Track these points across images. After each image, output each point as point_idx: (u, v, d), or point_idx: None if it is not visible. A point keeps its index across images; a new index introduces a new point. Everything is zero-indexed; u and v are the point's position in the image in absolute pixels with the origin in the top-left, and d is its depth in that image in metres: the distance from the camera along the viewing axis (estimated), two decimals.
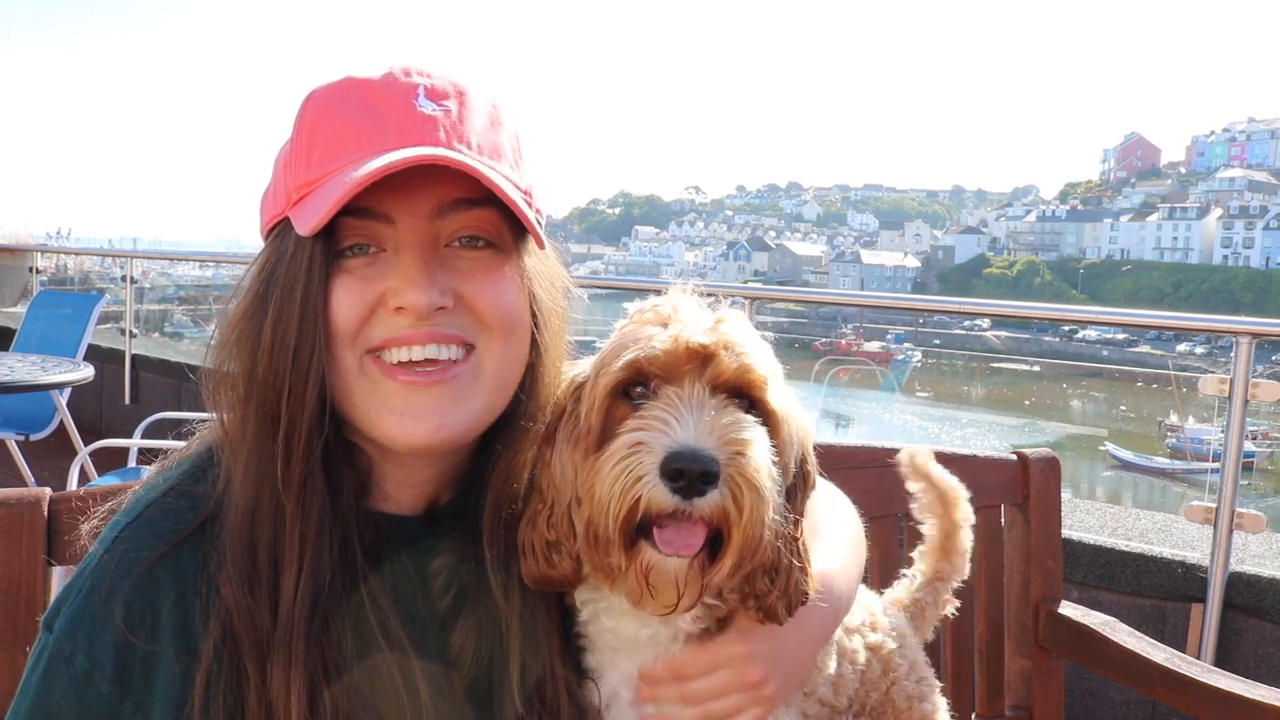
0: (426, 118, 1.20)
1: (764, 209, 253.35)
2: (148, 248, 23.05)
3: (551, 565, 1.25)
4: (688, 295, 1.28)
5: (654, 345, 1.19)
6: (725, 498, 1.10)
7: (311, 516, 1.17)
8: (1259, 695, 2.02)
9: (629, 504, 1.11)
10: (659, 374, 1.18)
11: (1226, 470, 3.68)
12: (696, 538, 1.12)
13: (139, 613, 1.14)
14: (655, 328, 1.22)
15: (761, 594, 1.24)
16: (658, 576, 1.15)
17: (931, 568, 1.88)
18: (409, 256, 1.18)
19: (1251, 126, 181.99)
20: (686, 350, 1.17)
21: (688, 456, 1.09)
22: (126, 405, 8.86)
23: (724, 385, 1.18)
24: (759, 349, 1.23)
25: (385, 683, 1.18)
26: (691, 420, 1.12)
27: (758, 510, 1.11)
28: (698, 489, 1.09)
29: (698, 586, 1.16)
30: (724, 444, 1.11)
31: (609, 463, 1.13)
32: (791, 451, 1.24)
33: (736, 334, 1.21)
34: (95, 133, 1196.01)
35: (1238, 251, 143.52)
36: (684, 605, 1.18)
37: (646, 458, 1.10)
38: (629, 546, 1.15)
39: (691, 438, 1.10)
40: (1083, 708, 3.73)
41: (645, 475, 1.10)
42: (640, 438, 1.12)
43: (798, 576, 1.25)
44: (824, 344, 26.89)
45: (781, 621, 1.27)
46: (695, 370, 1.17)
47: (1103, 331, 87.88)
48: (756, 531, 1.12)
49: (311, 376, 1.17)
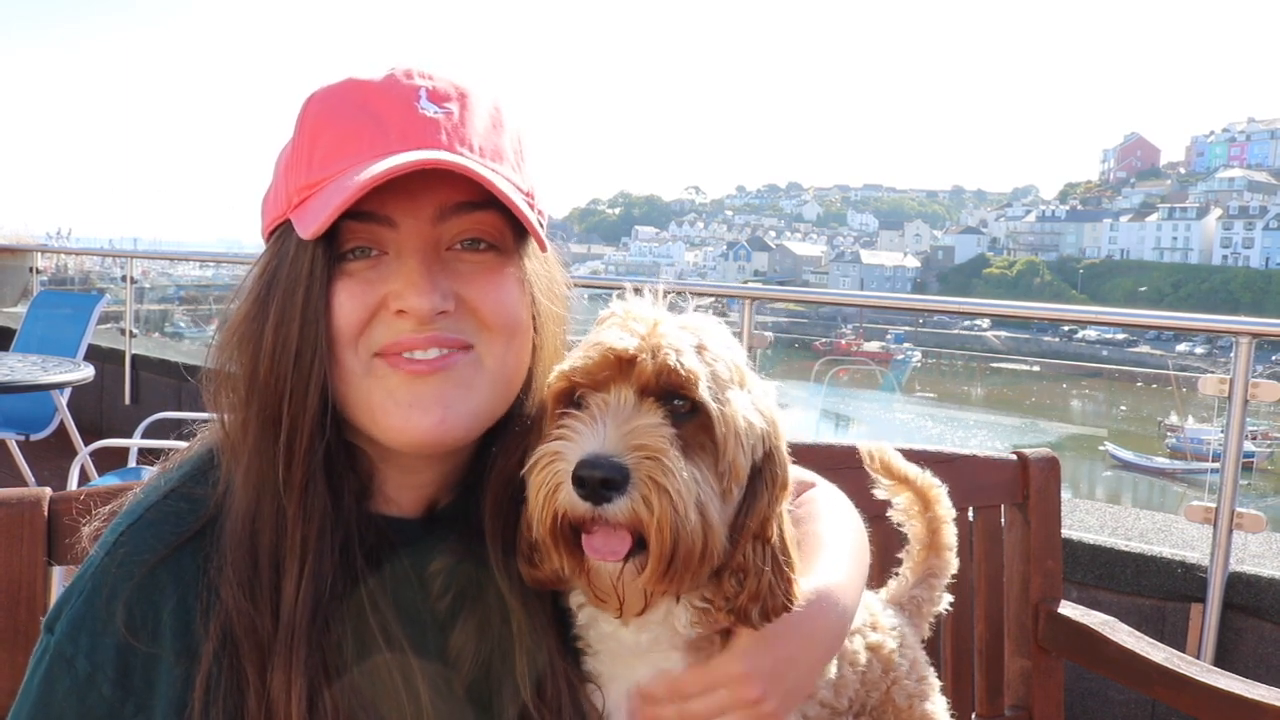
0: (428, 120, 1.20)
1: (764, 209, 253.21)
2: (148, 248, 23.03)
3: (535, 566, 1.26)
4: (643, 297, 1.27)
5: (582, 355, 1.21)
6: (635, 501, 1.11)
7: (313, 519, 1.17)
8: (1259, 695, 2.02)
9: (551, 512, 1.14)
10: (587, 383, 1.20)
11: (1226, 470, 3.68)
12: (621, 543, 1.13)
13: (140, 615, 1.14)
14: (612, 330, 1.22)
15: (730, 596, 1.24)
16: (598, 580, 1.18)
17: (922, 565, 1.88)
18: (411, 260, 1.18)
19: (1251, 126, 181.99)
20: (611, 357, 1.18)
21: (589, 463, 1.11)
22: (126, 405, 8.86)
23: (651, 389, 1.17)
24: (704, 348, 1.21)
25: (385, 685, 1.18)
26: (601, 428, 1.14)
27: (670, 511, 1.11)
28: (603, 495, 1.10)
29: (639, 589, 1.17)
30: (632, 449, 1.12)
31: (533, 472, 1.16)
32: (738, 451, 1.20)
33: (670, 337, 1.19)
34: (95, 133, 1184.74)
35: (1237, 251, 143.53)
36: (631, 608, 1.19)
37: (561, 465, 1.13)
38: (575, 552, 1.17)
39: (598, 445, 1.12)
40: (1083, 708, 3.73)
41: (561, 483, 1.13)
42: (556, 447, 1.15)
43: (770, 579, 1.24)
44: (824, 344, 26.85)
45: (755, 625, 1.25)
46: (622, 376, 1.18)
47: (1103, 331, 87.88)
48: (675, 532, 1.11)
49: (313, 379, 1.17)
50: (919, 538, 1.88)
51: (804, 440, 1.94)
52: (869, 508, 1.82)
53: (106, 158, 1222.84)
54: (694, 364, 1.18)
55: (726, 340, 1.26)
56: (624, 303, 1.27)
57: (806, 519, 1.49)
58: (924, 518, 1.87)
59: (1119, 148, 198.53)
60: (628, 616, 1.22)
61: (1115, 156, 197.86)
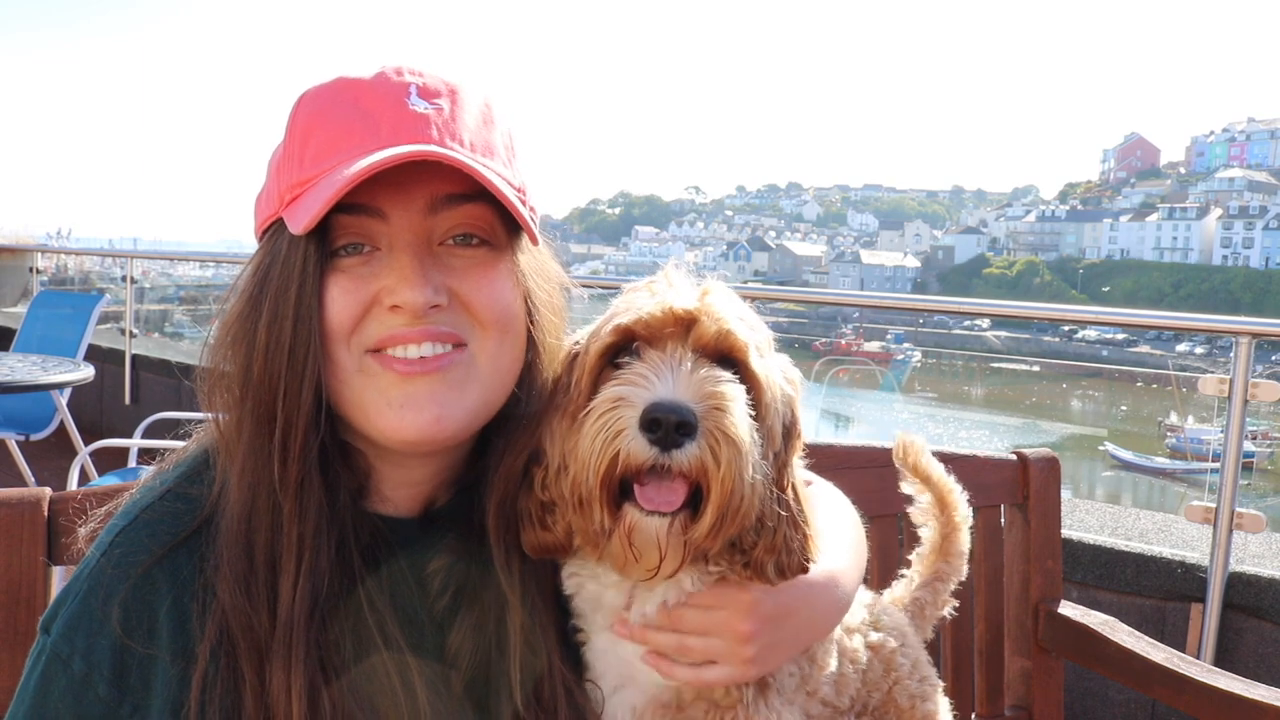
0: (419, 116, 1.20)
1: (764, 209, 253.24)
2: (148, 248, 23.04)
3: (546, 528, 1.26)
4: (680, 271, 1.31)
5: (641, 310, 1.22)
6: (703, 450, 1.12)
7: (309, 517, 1.17)
8: (1259, 695, 2.01)
9: (609, 458, 1.13)
10: (644, 337, 1.21)
11: (1226, 470, 3.68)
12: (677, 494, 1.14)
13: (136, 616, 1.14)
14: (645, 296, 1.25)
15: (748, 547, 1.25)
16: (640, 537, 1.16)
17: (930, 568, 1.88)
18: (403, 254, 1.18)
19: (1251, 126, 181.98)
20: (671, 315, 1.21)
21: (665, 407, 1.11)
22: (126, 405, 8.86)
23: (707, 349, 1.20)
24: (744, 317, 1.26)
25: (382, 684, 1.18)
26: (670, 376, 1.15)
27: (736, 464, 1.12)
28: (675, 440, 1.11)
29: (680, 547, 1.17)
30: (701, 398, 1.13)
31: (591, 418, 1.16)
32: (775, 416, 1.25)
33: (720, 303, 1.23)
34: (95, 132, 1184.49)
35: (1237, 251, 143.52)
36: (666, 569, 1.19)
37: (627, 411, 1.13)
38: (613, 508, 1.16)
39: (670, 391, 1.13)
40: (1083, 707, 3.73)
41: (625, 429, 1.12)
42: (621, 392, 1.15)
43: (786, 532, 1.26)
44: (824, 344, 26.80)
45: (772, 580, 1.26)
46: (679, 334, 1.20)
47: (1103, 331, 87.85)
48: (736, 486, 1.13)
49: (307, 377, 1.17)
50: (931, 541, 1.88)
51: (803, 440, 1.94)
52: (869, 508, 1.82)
53: (106, 158, 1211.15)
54: (752, 332, 1.24)
55: (754, 313, 1.31)
56: (665, 272, 1.30)
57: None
58: (939, 520, 1.87)
59: (1119, 148, 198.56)
60: (660, 578, 1.22)
61: (1115, 156, 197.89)
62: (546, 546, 1.27)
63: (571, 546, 1.27)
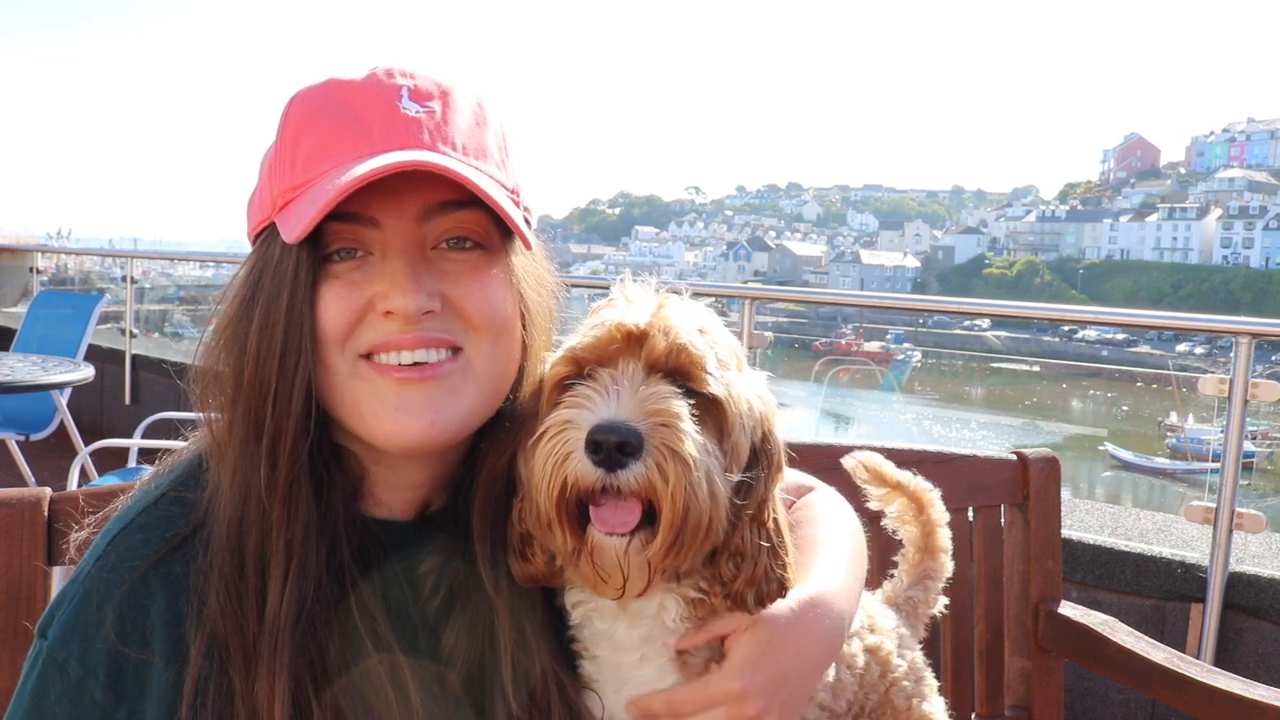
0: (410, 120, 1.19)
1: (764, 209, 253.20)
2: (148, 248, 23.05)
3: (527, 559, 1.25)
4: (640, 285, 1.28)
5: (588, 334, 1.21)
6: (649, 469, 1.10)
7: (297, 523, 1.17)
8: (1259, 695, 2.01)
9: (560, 481, 1.12)
10: (594, 360, 1.20)
11: (1226, 470, 3.68)
12: (631, 514, 1.13)
13: (131, 620, 1.14)
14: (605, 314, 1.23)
15: (727, 579, 1.23)
16: (601, 556, 1.15)
17: (917, 567, 1.88)
18: (396, 261, 1.18)
19: (1251, 127, 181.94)
20: (620, 333, 1.19)
21: (604, 428, 1.09)
22: (126, 405, 8.87)
23: (660, 366, 1.18)
24: (706, 329, 1.23)
25: (375, 687, 1.18)
26: (615, 395, 1.13)
27: (685, 479, 1.10)
28: (619, 460, 1.09)
29: (644, 566, 1.16)
30: (646, 415, 1.11)
31: (541, 443, 1.15)
32: (740, 433, 1.22)
33: (676, 317, 1.21)
34: (95, 132, 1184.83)
35: (1237, 252, 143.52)
36: (633, 588, 1.18)
37: (573, 434, 1.12)
38: (577, 530, 1.16)
39: (612, 411, 1.11)
40: (1083, 707, 3.73)
41: (572, 451, 1.12)
42: (567, 415, 1.14)
43: (767, 563, 1.24)
44: (824, 344, 26.86)
45: (751, 610, 1.25)
46: (630, 352, 1.18)
47: (1103, 331, 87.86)
48: (690, 503, 1.11)
49: (297, 383, 1.17)
50: (914, 541, 1.88)
51: (802, 440, 1.94)
52: (867, 509, 1.82)
53: (106, 158, 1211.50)
54: (701, 345, 1.20)
55: (721, 325, 1.28)
56: (623, 288, 1.28)
57: (804, 523, 1.48)
58: (918, 521, 1.87)
59: (1119, 148, 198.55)
60: (628, 597, 1.21)
61: (1115, 156, 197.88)
62: (531, 576, 1.27)
63: (554, 574, 1.26)
